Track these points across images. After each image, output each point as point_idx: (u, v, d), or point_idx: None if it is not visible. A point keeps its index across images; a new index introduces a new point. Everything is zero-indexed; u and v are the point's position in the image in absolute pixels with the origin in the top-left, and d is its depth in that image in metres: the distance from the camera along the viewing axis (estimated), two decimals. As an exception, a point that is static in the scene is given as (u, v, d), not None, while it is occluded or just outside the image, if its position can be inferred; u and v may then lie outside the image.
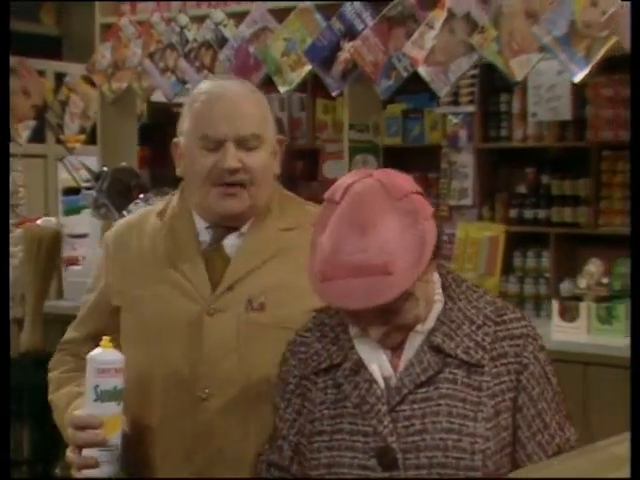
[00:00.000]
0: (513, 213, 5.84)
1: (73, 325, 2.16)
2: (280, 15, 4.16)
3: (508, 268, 5.61)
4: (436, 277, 1.74)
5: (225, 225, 2.03)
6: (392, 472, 1.66)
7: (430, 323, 1.72)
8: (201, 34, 4.35)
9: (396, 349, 1.73)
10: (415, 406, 1.68)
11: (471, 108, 5.87)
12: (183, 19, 4.42)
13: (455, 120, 5.93)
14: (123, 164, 4.50)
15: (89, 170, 4.39)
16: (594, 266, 3.49)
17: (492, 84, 5.89)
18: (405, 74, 3.84)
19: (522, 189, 5.91)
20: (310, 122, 6.48)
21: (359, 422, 1.70)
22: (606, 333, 3.36)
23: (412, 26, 3.81)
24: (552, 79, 5.47)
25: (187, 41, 4.40)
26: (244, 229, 2.03)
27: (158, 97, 4.76)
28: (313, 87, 6.17)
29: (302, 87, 5.32)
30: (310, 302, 1.91)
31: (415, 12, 3.80)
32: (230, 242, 2.03)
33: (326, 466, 1.70)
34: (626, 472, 1.39)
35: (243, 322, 1.96)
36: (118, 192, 4.28)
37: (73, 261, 4.56)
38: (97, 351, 1.87)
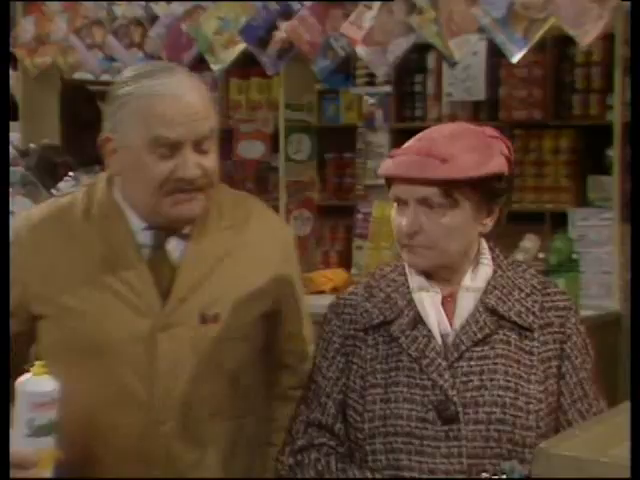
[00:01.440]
0: (428, 192, 5.95)
1: None
2: (213, -7, 4.14)
3: (423, 246, 5.72)
4: (485, 245, 1.83)
5: (168, 227, 1.88)
6: (451, 425, 1.72)
7: (479, 283, 1.81)
8: (130, 10, 4.29)
9: (448, 308, 1.81)
10: (472, 363, 1.75)
11: (387, 88, 5.92)
12: (111, -5, 4.36)
13: (371, 100, 5.99)
14: (45, 140, 4.41)
15: (14, 147, 4.28)
16: (530, 242, 3.60)
17: (407, 65, 5.97)
18: (343, 54, 3.87)
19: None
20: (224, 102, 6.45)
21: (417, 375, 1.76)
22: (547, 306, 3.47)
23: (350, 7, 3.84)
24: (467, 60, 5.56)
25: (115, 17, 4.33)
26: (186, 230, 1.89)
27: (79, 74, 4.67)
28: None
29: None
30: (264, 303, 1.96)
31: (353, -8, 3.83)
32: (173, 246, 1.88)
33: (381, 418, 1.75)
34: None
35: (199, 337, 1.85)
36: (45, 170, 4.19)
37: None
38: (29, 380, 1.66)
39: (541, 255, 3.60)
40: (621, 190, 3.34)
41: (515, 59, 3.57)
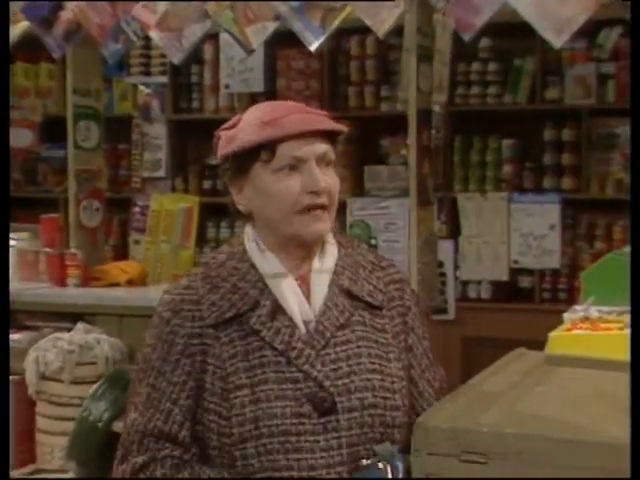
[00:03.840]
0: (207, 184, 5.89)
1: None
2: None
3: (202, 239, 5.66)
4: None
5: None
6: (329, 417, 1.66)
7: (329, 263, 1.76)
8: None
9: (303, 293, 1.74)
10: (338, 349, 1.70)
11: (163, 79, 5.84)
12: None
13: (147, 90, 5.87)
14: None
15: None
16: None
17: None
18: (135, 38, 3.76)
19: (214, 160, 5.94)
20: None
21: (285, 369, 1.67)
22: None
23: (142, -8, 3.73)
24: (245, 51, 5.59)
25: None
26: None
27: None
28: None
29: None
30: None
31: (146, -24, 3.72)
32: None
33: (253, 420, 1.65)
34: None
35: None
36: None
37: None
38: None
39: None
40: (418, 175, 3.43)
41: (313, 47, 3.60)
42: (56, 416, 3.22)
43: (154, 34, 3.69)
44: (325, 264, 1.76)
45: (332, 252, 1.78)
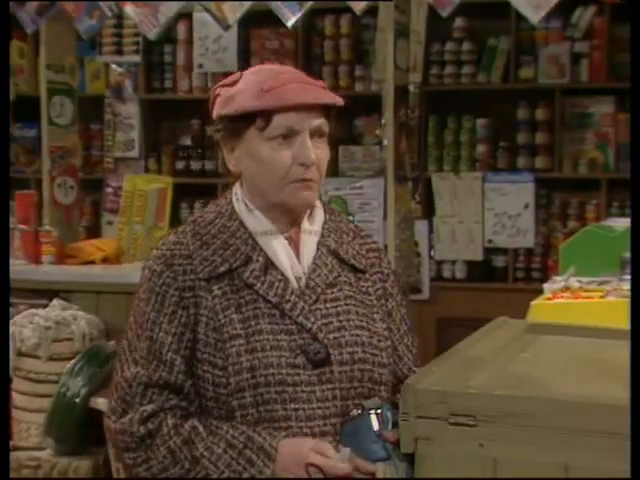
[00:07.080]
0: (180, 165, 5.86)
1: None
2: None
3: (176, 220, 5.62)
4: None
5: None
6: (323, 368, 1.69)
7: (317, 226, 1.80)
8: None
9: (293, 251, 1.77)
10: (328, 305, 1.74)
11: (136, 58, 5.79)
12: None
13: (119, 70, 5.82)
14: None
15: None
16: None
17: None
18: (110, 13, 3.73)
19: (188, 140, 5.95)
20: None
21: (279, 321, 1.71)
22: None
23: (117, -34, 3.70)
24: (218, 30, 5.52)
25: None
26: None
27: None
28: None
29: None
30: None
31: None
32: None
33: (249, 369, 1.67)
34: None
35: None
36: None
37: None
38: None
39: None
40: (395, 152, 3.43)
41: (290, 23, 3.59)
42: (33, 393, 3.21)
43: (129, 9, 3.66)
44: (314, 226, 1.80)
45: (320, 215, 1.82)
